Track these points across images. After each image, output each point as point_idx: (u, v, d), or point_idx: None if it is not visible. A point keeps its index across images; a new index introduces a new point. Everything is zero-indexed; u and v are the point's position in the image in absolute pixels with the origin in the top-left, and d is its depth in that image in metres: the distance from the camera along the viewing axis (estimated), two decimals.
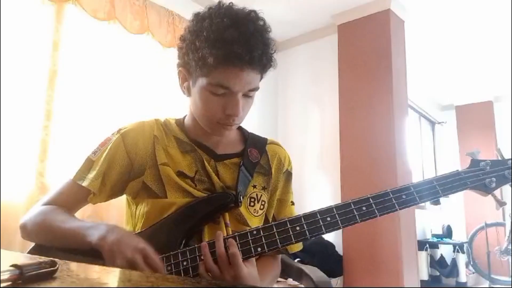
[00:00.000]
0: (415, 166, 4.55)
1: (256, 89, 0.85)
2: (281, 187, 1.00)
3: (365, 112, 3.11)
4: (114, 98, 2.32)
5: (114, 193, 0.92)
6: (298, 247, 0.96)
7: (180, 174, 0.88)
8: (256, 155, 0.95)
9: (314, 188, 3.33)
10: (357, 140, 3.12)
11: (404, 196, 0.80)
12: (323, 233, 0.78)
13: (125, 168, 0.89)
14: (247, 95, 0.85)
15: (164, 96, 2.59)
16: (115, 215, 2.15)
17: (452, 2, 3.15)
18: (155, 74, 2.59)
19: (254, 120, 3.35)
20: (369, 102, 3.10)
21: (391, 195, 0.80)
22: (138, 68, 2.50)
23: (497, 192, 0.83)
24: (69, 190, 0.90)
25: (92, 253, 0.74)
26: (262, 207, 0.94)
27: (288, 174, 1.02)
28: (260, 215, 0.94)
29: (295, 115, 3.68)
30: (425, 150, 5.38)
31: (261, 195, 0.94)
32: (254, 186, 0.94)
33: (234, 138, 0.99)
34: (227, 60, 0.77)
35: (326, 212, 0.79)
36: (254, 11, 0.84)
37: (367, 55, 3.17)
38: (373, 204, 0.79)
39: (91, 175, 0.89)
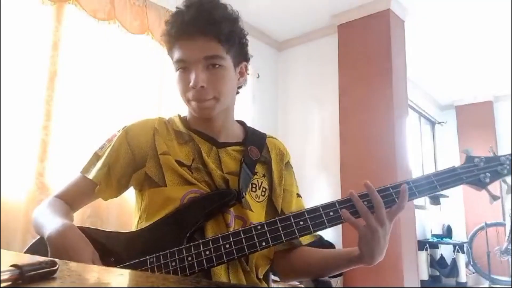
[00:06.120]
0: (415, 166, 4.55)
1: (216, 57, 0.86)
2: (287, 178, 1.01)
3: (365, 112, 3.11)
4: (114, 98, 2.32)
5: (121, 187, 0.94)
6: (308, 238, 0.97)
7: (178, 162, 0.90)
8: (256, 152, 0.97)
9: (314, 188, 3.33)
10: (357, 140, 3.12)
11: None
12: (326, 227, 0.80)
13: (129, 161, 0.92)
14: (211, 66, 0.86)
15: (164, 96, 2.59)
16: (115, 215, 2.15)
17: (452, 2, 3.15)
18: (155, 74, 2.59)
19: (254, 120, 3.36)
20: (369, 102, 3.10)
21: (391, 190, 0.82)
22: (138, 68, 2.50)
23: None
24: (76, 183, 0.95)
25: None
26: (263, 193, 0.96)
27: (290, 166, 1.04)
28: (261, 201, 0.95)
29: (295, 115, 3.68)
30: (425, 150, 5.38)
31: (262, 181, 0.96)
32: (256, 173, 0.96)
33: (235, 128, 1.02)
34: (177, 34, 0.86)
35: (328, 206, 0.81)
36: None
37: (367, 55, 3.17)
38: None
39: (96, 167, 0.93)
